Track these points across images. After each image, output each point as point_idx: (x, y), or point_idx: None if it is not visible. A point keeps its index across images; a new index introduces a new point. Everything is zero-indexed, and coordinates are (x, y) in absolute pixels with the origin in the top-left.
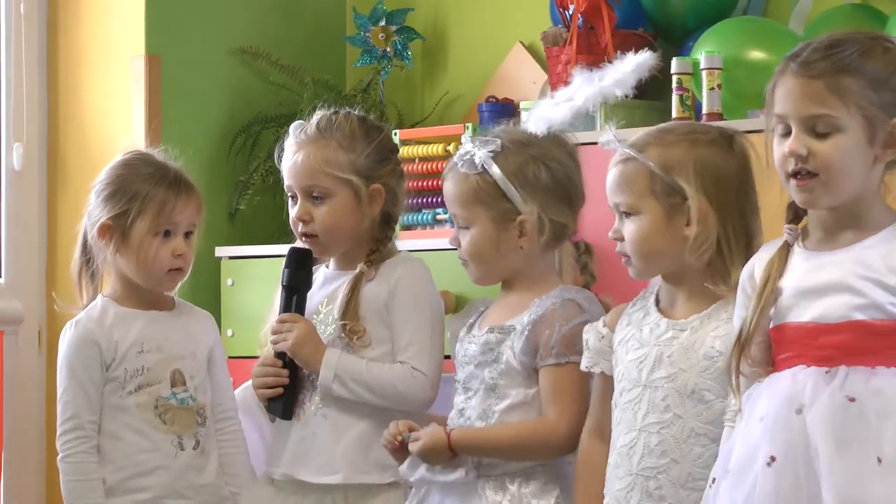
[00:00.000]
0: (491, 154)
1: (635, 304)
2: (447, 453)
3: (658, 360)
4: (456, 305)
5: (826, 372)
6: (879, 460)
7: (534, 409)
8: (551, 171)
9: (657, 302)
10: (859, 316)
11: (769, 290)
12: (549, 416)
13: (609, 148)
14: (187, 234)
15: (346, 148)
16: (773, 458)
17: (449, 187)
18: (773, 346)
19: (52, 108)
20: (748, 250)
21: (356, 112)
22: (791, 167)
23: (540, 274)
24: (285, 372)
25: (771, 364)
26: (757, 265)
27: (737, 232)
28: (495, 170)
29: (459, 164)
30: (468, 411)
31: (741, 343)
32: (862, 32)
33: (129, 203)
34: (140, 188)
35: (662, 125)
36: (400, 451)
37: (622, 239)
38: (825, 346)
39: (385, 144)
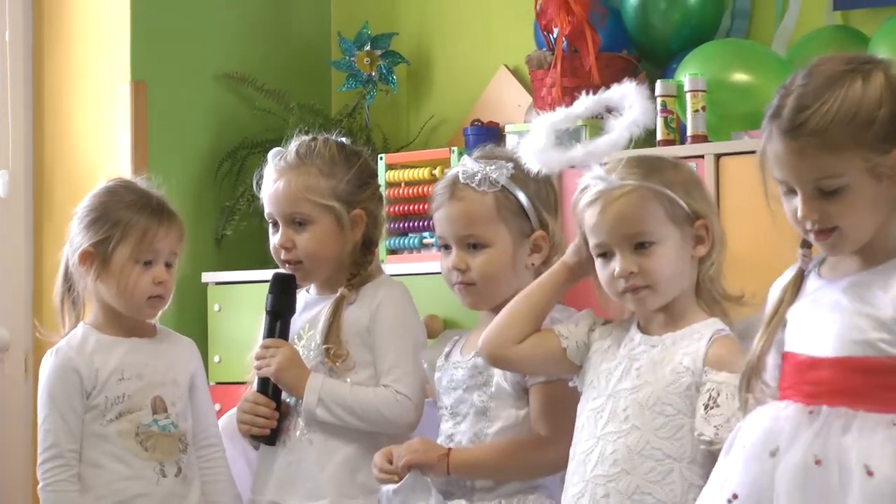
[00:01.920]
0: (510, 173)
1: (621, 324)
2: (443, 470)
3: (626, 371)
4: (444, 328)
5: (809, 412)
6: None
7: (525, 430)
8: (553, 190)
9: (638, 322)
10: (849, 352)
11: (778, 317)
12: (541, 433)
13: (598, 183)
14: (168, 263)
15: (327, 174)
16: (735, 496)
17: (459, 207)
18: (780, 373)
19: (38, 134)
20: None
21: (334, 138)
22: (808, 226)
23: None
24: (277, 414)
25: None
26: (774, 288)
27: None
28: (516, 188)
29: (475, 183)
30: (458, 436)
31: (749, 370)
32: (829, 69)
33: (110, 230)
34: (122, 215)
35: (631, 156)
36: (394, 476)
37: (638, 272)
38: (812, 382)
39: (364, 169)
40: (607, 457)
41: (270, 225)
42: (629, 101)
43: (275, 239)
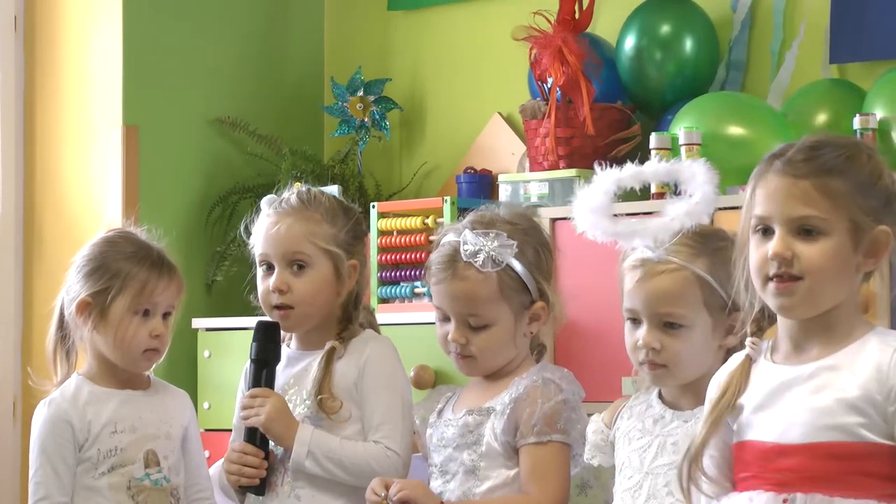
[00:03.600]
0: (513, 252)
1: (637, 398)
2: None
3: (661, 448)
4: (435, 380)
5: (784, 500)
6: None
7: (514, 491)
8: (551, 256)
9: (660, 395)
10: (821, 438)
11: (724, 404)
12: (531, 494)
13: (645, 250)
14: (166, 315)
15: (329, 221)
16: None
17: (461, 287)
18: (734, 464)
19: (29, 176)
20: None
21: (331, 192)
22: (773, 270)
23: (521, 357)
24: (266, 464)
25: (731, 481)
26: (721, 375)
27: None
28: (517, 265)
29: (478, 263)
30: (447, 495)
31: (689, 457)
32: (843, 137)
33: (109, 281)
34: (122, 267)
35: (695, 231)
36: None
37: (661, 350)
38: (782, 469)
39: (360, 223)
40: None
41: (262, 269)
42: (694, 185)
43: (268, 282)
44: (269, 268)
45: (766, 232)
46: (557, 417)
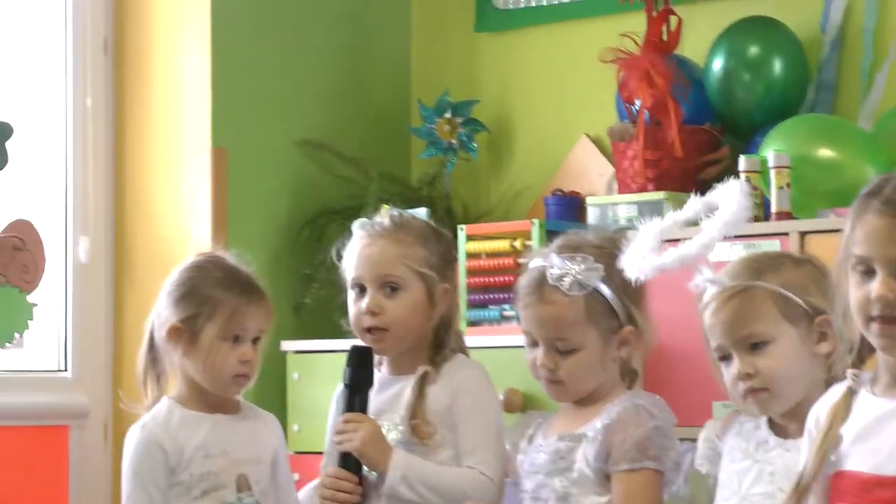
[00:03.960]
0: (599, 275)
1: (750, 417)
2: None
3: (759, 475)
4: (523, 404)
5: None
6: None
7: None
8: (641, 282)
9: (769, 419)
10: None
11: (831, 438)
12: None
13: (709, 286)
14: (255, 340)
15: (421, 244)
16: None
17: (548, 311)
18: (830, 494)
19: (119, 200)
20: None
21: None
22: (876, 311)
23: (612, 382)
24: (360, 489)
25: None
26: (822, 406)
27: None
28: (604, 288)
29: (564, 287)
30: None
31: (798, 490)
32: None
33: (199, 307)
34: (211, 293)
35: (743, 257)
36: None
37: (755, 374)
38: (879, 501)
39: (451, 248)
40: None
41: (354, 292)
42: (727, 198)
43: (361, 304)
44: (362, 290)
45: (868, 271)
46: (650, 444)
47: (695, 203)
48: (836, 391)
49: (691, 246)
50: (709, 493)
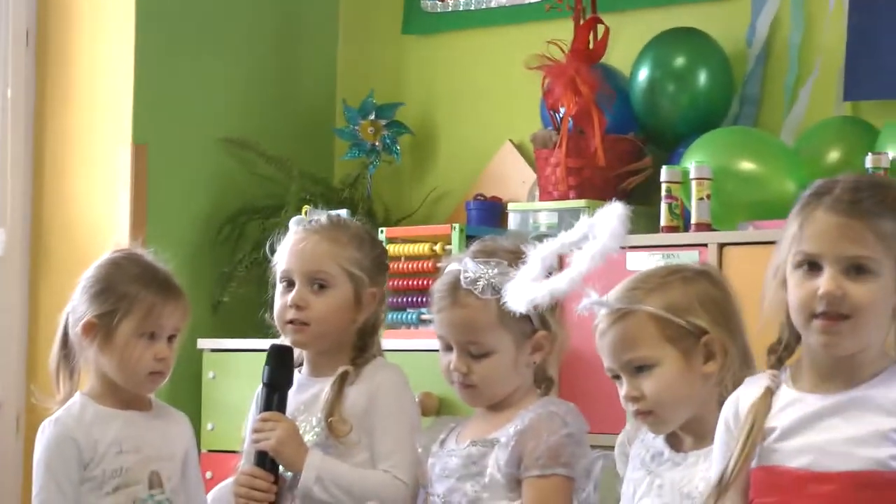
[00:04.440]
0: (509, 279)
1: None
2: None
3: (649, 487)
4: (439, 407)
5: None
6: None
7: None
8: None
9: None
10: (856, 467)
11: (755, 434)
12: None
13: (593, 310)
14: (171, 338)
15: (355, 246)
16: None
17: (461, 315)
18: (752, 488)
19: (37, 193)
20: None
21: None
22: (821, 308)
23: (525, 387)
24: (275, 489)
25: None
26: (742, 400)
27: (742, 358)
28: None
29: (477, 290)
30: None
31: (721, 486)
32: (879, 178)
33: (116, 303)
34: (128, 289)
35: (637, 275)
36: None
37: (641, 397)
38: (815, 496)
39: (384, 255)
40: None
41: (282, 285)
42: (603, 225)
43: (287, 297)
44: (290, 284)
45: (812, 268)
46: (562, 451)
47: (582, 224)
48: (753, 391)
49: (561, 280)
50: (617, 500)
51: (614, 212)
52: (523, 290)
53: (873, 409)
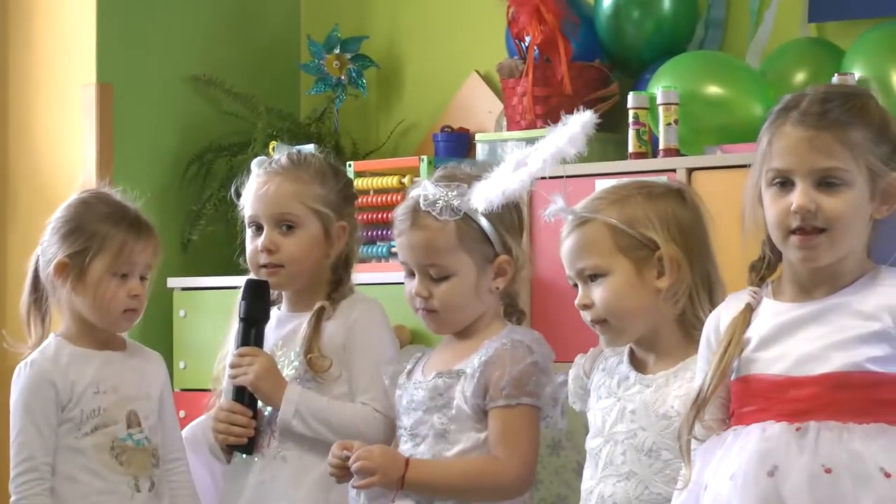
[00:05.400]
0: (469, 199)
1: (614, 350)
2: (399, 478)
3: (621, 414)
4: (411, 339)
5: (797, 429)
6: None
7: (484, 454)
8: (517, 212)
9: (631, 353)
10: (830, 368)
11: (731, 351)
12: (499, 456)
13: (557, 216)
14: (143, 276)
15: (319, 182)
16: None
17: (420, 236)
18: (732, 399)
19: (2, 135)
20: (711, 299)
21: (319, 153)
22: (796, 223)
23: (490, 316)
24: (254, 423)
25: (727, 419)
26: (723, 316)
27: (702, 280)
28: (478, 215)
29: (436, 211)
30: (417, 458)
31: (698, 403)
32: (849, 87)
33: (87, 242)
34: (99, 228)
35: (606, 186)
36: (346, 471)
37: (592, 305)
38: (794, 400)
39: (349, 186)
40: (606, 499)
41: (251, 230)
42: (565, 130)
43: (256, 242)
44: (258, 228)
45: (785, 184)
46: (527, 380)
47: (553, 133)
48: (737, 298)
49: (513, 180)
50: (585, 427)
51: (580, 119)
52: (485, 190)
53: (851, 314)
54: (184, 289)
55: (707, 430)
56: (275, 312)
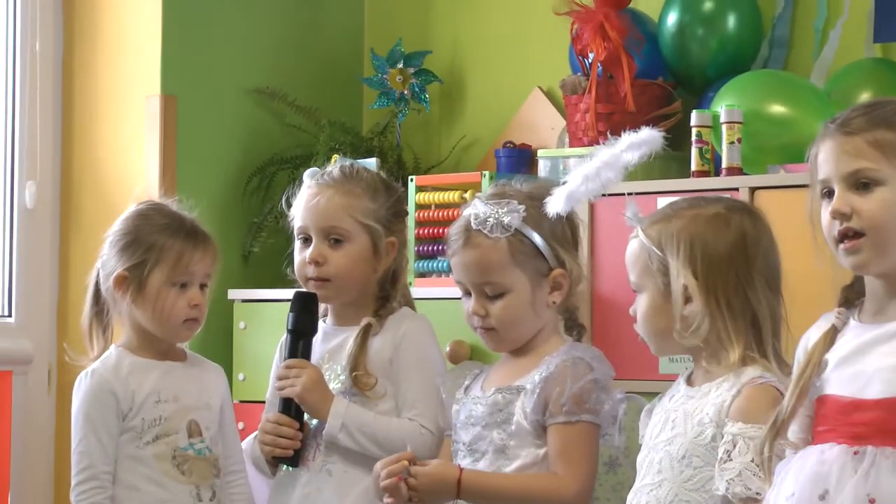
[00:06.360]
0: (522, 216)
1: (684, 373)
2: (453, 492)
3: (665, 423)
4: (470, 355)
5: (854, 453)
6: None
7: (544, 470)
8: (570, 224)
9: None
10: (892, 393)
11: (808, 372)
12: (558, 473)
13: (630, 224)
14: (202, 285)
15: (370, 197)
16: None
17: (473, 255)
18: (814, 418)
19: (66, 145)
20: (755, 327)
21: (374, 169)
22: (836, 229)
23: (549, 332)
24: (300, 436)
25: (812, 438)
26: (812, 336)
27: (733, 310)
28: (529, 230)
29: (487, 229)
30: (472, 469)
31: (776, 428)
32: (880, 98)
33: (145, 254)
34: (156, 239)
35: (676, 200)
36: (398, 490)
37: (634, 317)
38: (857, 423)
39: (401, 202)
40: None
41: (300, 241)
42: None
43: (305, 254)
44: (307, 240)
45: (830, 195)
46: (587, 397)
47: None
48: (823, 325)
49: (578, 186)
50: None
51: (641, 136)
52: (559, 196)
53: None
54: (244, 301)
55: (791, 448)
56: (321, 326)
